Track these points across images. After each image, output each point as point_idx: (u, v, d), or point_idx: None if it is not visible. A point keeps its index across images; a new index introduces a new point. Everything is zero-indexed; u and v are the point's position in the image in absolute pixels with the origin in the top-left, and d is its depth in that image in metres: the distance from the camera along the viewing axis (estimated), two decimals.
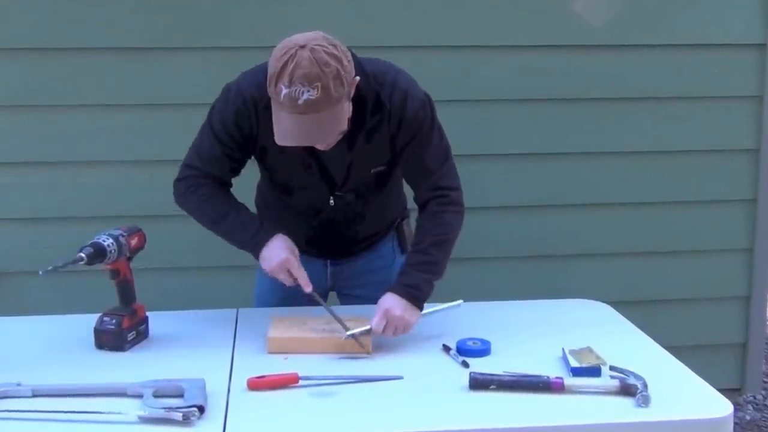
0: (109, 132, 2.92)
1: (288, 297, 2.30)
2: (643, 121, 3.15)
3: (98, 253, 1.92)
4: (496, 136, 3.09)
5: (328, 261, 2.33)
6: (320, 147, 1.99)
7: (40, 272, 1.84)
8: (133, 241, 2.03)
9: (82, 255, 1.89)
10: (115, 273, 2.00)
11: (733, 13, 3.10)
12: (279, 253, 2.06)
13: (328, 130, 1.90)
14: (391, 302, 2.02)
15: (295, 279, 2.07)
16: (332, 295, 2.42)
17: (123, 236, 1.99)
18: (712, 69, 3.14)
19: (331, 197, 2.16)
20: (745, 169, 3.21)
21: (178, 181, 2.18)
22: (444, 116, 2.24)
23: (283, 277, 2.07)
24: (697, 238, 3.25)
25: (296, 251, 2.09)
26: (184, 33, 2.89)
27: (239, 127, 2.05)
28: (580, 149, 3.14)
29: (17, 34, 2.84)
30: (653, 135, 3.15)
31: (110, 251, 1.94)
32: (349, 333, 1.97)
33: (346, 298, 2.38)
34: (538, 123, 3.11)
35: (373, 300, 2.15)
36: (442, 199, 2.13)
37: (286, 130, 1.88)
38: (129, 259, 2.03)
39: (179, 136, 2.23)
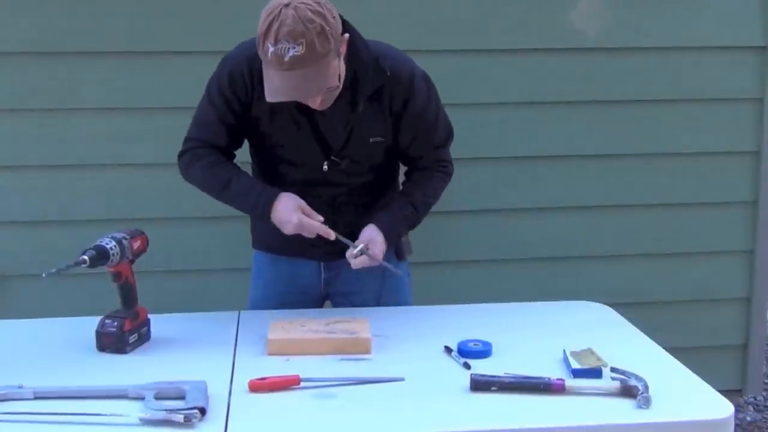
0: (110, 135, 2.93)
1: (282, 303, 2.31)
2: (644, 124, 3.15)
3: (101, 256, 1.92)
4: (499, 139, 3.09)
5: (322, 264, 2.33)
6: (314, 106, 2.02)
7: (43, 275, 1.84)
8: (136, 244, 2.03)
9: (85, 257, 1.89)
10: (117, 276, 2.00)
11: (733, 16, 3.10)
12: (289, 217, 2.08)
13: (315, 84, 1.95)
14: (381, 239, 2.14)
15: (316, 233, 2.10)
16: (326, 304, 2.43)
17: (126, 239, 1.99)
18: (713, 71, 3.14)
19: (326, 162, 2.16)
20: (746, 171, 3.22)
21: (180, 155, 2.22)
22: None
23: (307, 235, 2.11)
24: (697, 240, 3.26)
25: (304, 205, 2.10)
26: (184, 37, 2.90)
27: (234, 91, 2.10)
28: (581, 152, 3.15)
29: (18, 38, 2.85)
30: (654, 137, 3.16)
31: (113, 254, 1.94)
32: (357, 248, 2.09)
33: (342, 305, 2.37)
34: (540, 126, 3.11)
35: (368, 306, 2.24)
36: (443, 169, 2.27)
37: (274, 87, 1.93)
38: (131, 261, 2.03)
39: (180, 139, 2.23)
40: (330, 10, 1.94)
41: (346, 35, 1.99)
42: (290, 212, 2.08)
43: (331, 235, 2.10)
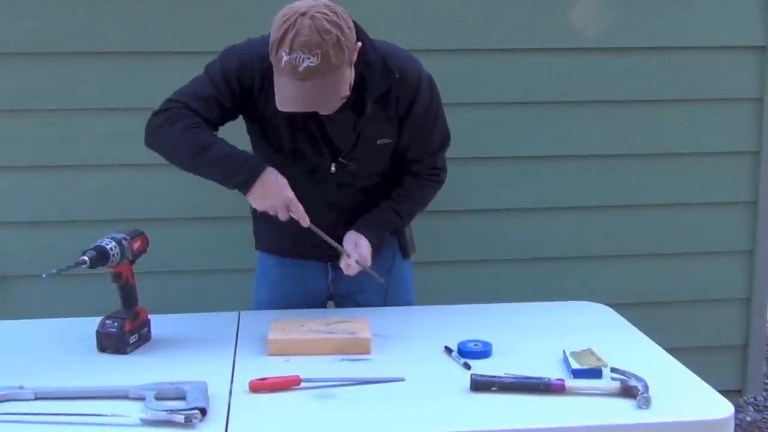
0: (110, 135, 2.93)
1: (288, 305, 2.30)
2: (644, 124, 3.15)
3: (101, 257, 1.92)
4: (500, 139, 3.10)
5: (329, 264, 2.33)
6: (323, 112, 2.01)
7: (44, 275, 1.84)
8: (136, 245, 2.03)
9: (85, 258, 1.89)
10: (117, 276, 2.00)
11: (733, 16, 3.10)
12: (281, 190, 2.03)
13: (328, 96, 1.94)
14: (366, 243, 2.15)
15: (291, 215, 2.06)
16: (329, 304, 2.43)
17: (126, 239, 1.99)
18: (713, 71, 3.15)
19: (333, 163, 2.15)
20: (746, 171, 3.22)
21: (156, 114, 2.08)
22: (449, 118, 2.25)
23: (282, 215, 2.05)
24: (697, 240, 3.26)
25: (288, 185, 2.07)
26: (185, 37, 2.90)
27: (240, 79, 2.06)
28: (582, 152, 3.15)
29: (18, 38, 2.85)
30: (654, 137, 3.16)
31: (113, 254, 1.94)
32: (351, 257, 2.11)
33: (347, 304, 2.37)
34: (541, 126, 3.11)
35: (373, 305, 2.23)
36: (435, 177, 2.26)
37: (286, 97, 1.91)
38: (131, 262, 2.04)
39: None
40: (346, 21, 1.91)
41: (359, 44, 1.96)
42: (284, 187, 2.03)
43: (306, 222, 2.06)
